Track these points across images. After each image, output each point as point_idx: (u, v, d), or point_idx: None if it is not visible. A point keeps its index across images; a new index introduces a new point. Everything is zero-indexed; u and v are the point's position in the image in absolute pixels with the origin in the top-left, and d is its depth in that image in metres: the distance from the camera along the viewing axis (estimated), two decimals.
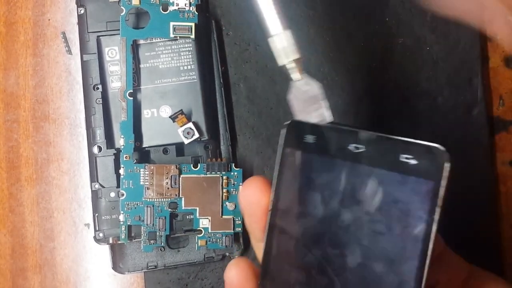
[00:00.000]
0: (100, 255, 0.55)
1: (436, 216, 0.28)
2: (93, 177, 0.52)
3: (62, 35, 0.55)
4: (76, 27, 0.53)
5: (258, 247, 0.33)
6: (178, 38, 0.51)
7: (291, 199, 0.32)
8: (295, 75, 0.34)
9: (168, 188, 0.50)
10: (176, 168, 0.50)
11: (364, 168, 0.30)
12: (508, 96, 0.56)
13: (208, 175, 0.51)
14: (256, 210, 0.33)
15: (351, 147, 0.31)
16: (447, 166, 0.28)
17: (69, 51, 0.55)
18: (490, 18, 0.35)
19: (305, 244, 0.31)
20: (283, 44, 0.34)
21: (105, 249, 0.54)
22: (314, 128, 0.32)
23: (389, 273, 0.29)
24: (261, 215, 0.33)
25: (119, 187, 0.50)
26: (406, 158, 0.29)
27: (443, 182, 0.28)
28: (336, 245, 0.30)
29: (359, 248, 0.30)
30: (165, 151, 0.52)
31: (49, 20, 0.56)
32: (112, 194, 0.51)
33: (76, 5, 0.52)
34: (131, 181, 0.50)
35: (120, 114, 0.50)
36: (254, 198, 0.33)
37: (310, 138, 0.32)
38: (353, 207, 0.30)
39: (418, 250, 0.28)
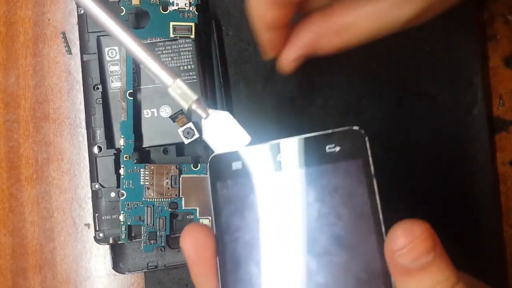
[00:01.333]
0: (100, 255, 0.55)
1: (375, 186, 0.30)
2: (93, 177, 0.52)
3: (62, 35, 0.55)
4: (76, 27, 0.53)
5: None
6: (178, 38, 0.51)
7: (236, 226, 0.33)
8: (202, 113, 0.36)
9: (168, 188, 0.50)
10: (176, 168, 0.50)
11: (297, 172, 0.32)
12: (508, 96, 0.56)
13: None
14: (205, 254, 0.33)
15: (278, 157, 0.32)
16: (366, 140, 0.31)
17: (69, 51, 0.55)
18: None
19: (261, 259, 0.32)
20: (178, 92, 0.36)
21: (105, 249, 0.54)
22: (237, 154, 0.33)
23: (351, 257, 0.30)
24: (211, 259, 0.33)
25: (119, 187, 0.50)
26: (330, 148, 0.31)
27: (370, 154, 0.30)
28: (295, 249, 0.31)
29: (317, 245, 0.31)
30: (165, 151, 0.52)
31: (49, 20, 0.56)
32: (112, 194, 0.51)
33: (76, 5, 0.52)
34: (131, 181, 0.50)
35: (120, 114, 0.50)
36: (200, 242, 0.33)
37: (237, 165, 0.33)
38: (300, 211, 0.31)
39: (372, 224, 0.30)
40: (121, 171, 0.50)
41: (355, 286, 0.30)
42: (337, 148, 0.31)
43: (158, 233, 0.50)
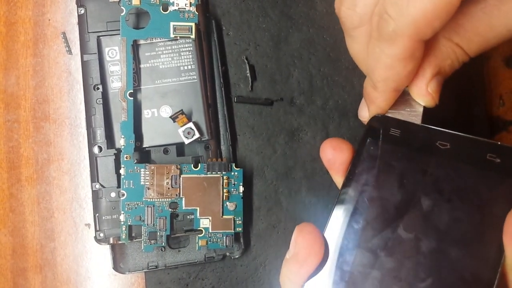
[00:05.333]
0: (100, 255, 0.55)
1: None
2: (94, 177, 0.52)
3: (62, 35, 0.55)
4: (76, 27, 0.53)
5: None
6: (178, 38, 0.51)
7: (366, 183, 0.34)
8: None
9: (168, 188, 0.50)
10: (177, 168, 0.50)
11: (447, 162, 0.33)
12: (508, 96, 0.56)
13: (208, 175, 0.51)
14: (311, 262, 0.34)
15: (437, 143, 0.33)
16: None
17: (69, 51, 0.55)
18: None
19: (376, 226, 0.33)
20: None
21: (105, 249, 0.54)
22: (400, 124, 0.35)
23: (460, 259, 0.31)
24: (313, 265, 0.34)
25: (120, 187, 0.50)
26: (491, 157, 0.32)
27: None
28: (411, 229, 0.32)
29: (436, 233, 0.32)
30: (165, 151, 0.52)
31: (49, 20, 0.56)
32: (113, 194, 0.51)
33: (76, 5, 0.52)
34: (131, 181, 0.50)
35: (120, 114, 0.50)
36: (311, 251, 0.34)
37: (395, 132, 0.35)
38: (431, 195, 0.32)
39: (495, 240, 0.30)
40: (122, 171, 0.50)
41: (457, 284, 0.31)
42: (497, 160, 0.32)
43: (158, 233, 0.50)
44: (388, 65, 0.34)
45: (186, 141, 0.51)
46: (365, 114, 0.39)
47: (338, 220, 0.34)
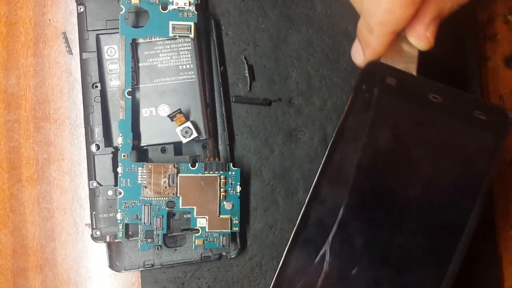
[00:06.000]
0: (101, 255, 0.55)
1: (492, 168, 0.33)
2: (91, 175, 0.52)
3: (62, 35, 0.56)
4: (77, 28, 0.54)
5: None
6: (177, 37, 0.51)
7: (359, 128, 0.35)
8: None
9: (165, 187, 0.50)
10: (174, 167, 0.50)
11: (436, 115, 0.34)
12: (508, 96, 0.56)
13: (206, 175, 0.51)
14: None
15: (429, 96, 0.35)
16: (510, 128, 0.33)
17: (69, 51, 0.56)
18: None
19: (364, 173, 0.34)
20: None
21: (105, 249, 0.54)
22: (397, 73, 0.36)
23: (441, 206, 0.33)
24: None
25: (117, 186, 0.51)
26: (478, 114, 0.34)
27: (504, 141, 0.33)
28: (395, 176, 0.34)
29: (418, 181, 0.33)
30: (163, 150, 0.52)
31: (49, 20, 0.56)
32: (110, 193, 0.51)
33: (75, 3, 0.53)
34: (128, 180, 0.50)
35: (118, 113, 0.51)
36: None
37: (391, 81, 0.36)
38: (419, 147, 0.34)
39: (472, 193, 0.32)
40: (119, 170, 0.50)
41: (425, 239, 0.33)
42: (483, 117, 0.33)
43: (155, 232, 0.50)
44: (388, 9, 0.34)
45: (184, 140, 0.51)
46: (359, 57, 0.39)
47: (331, 161, 0.35)
